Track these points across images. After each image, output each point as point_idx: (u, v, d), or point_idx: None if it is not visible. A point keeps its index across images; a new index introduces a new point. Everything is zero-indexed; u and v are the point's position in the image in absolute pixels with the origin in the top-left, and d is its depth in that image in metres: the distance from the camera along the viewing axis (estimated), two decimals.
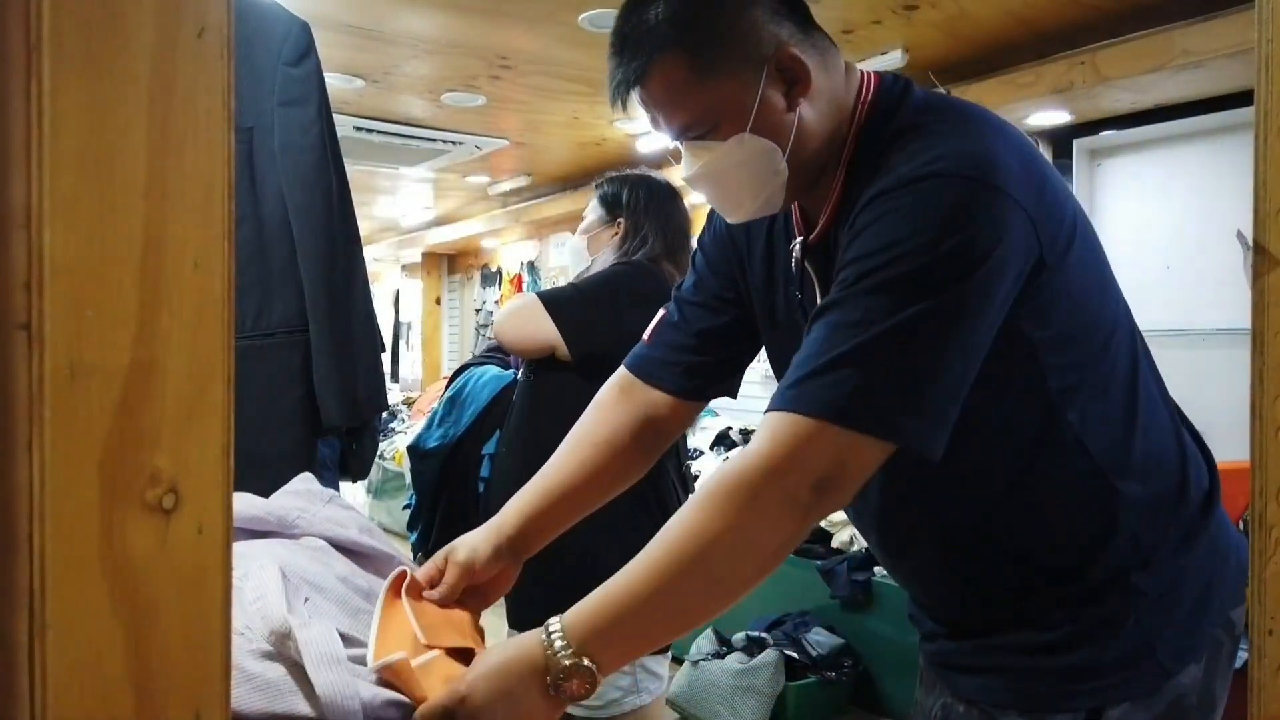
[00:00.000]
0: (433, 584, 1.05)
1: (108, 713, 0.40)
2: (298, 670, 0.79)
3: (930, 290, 0.83)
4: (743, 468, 0.85)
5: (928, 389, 0.85)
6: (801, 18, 0.98)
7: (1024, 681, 1.00)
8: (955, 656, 1.06)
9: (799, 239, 1.04)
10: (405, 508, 2.24)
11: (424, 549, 2.11)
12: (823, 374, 0.84)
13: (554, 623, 0.85)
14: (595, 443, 1.16)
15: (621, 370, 1.21)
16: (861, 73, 1.02)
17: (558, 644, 0.83)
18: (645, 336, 1.21)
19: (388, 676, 0.82)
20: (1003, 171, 0.86)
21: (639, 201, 1.96)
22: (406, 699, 0.81)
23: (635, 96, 0.97)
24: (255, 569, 0.89)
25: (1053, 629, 0.98)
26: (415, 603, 0.99)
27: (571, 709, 1.74)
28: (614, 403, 1.19)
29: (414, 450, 2.11)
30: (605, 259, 1.92)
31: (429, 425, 2.08)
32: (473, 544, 1.09)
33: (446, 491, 2.06)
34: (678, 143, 1.00)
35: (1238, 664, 2.05)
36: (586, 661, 0.82)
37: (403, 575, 1.00)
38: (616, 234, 1.94)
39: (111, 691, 0.40)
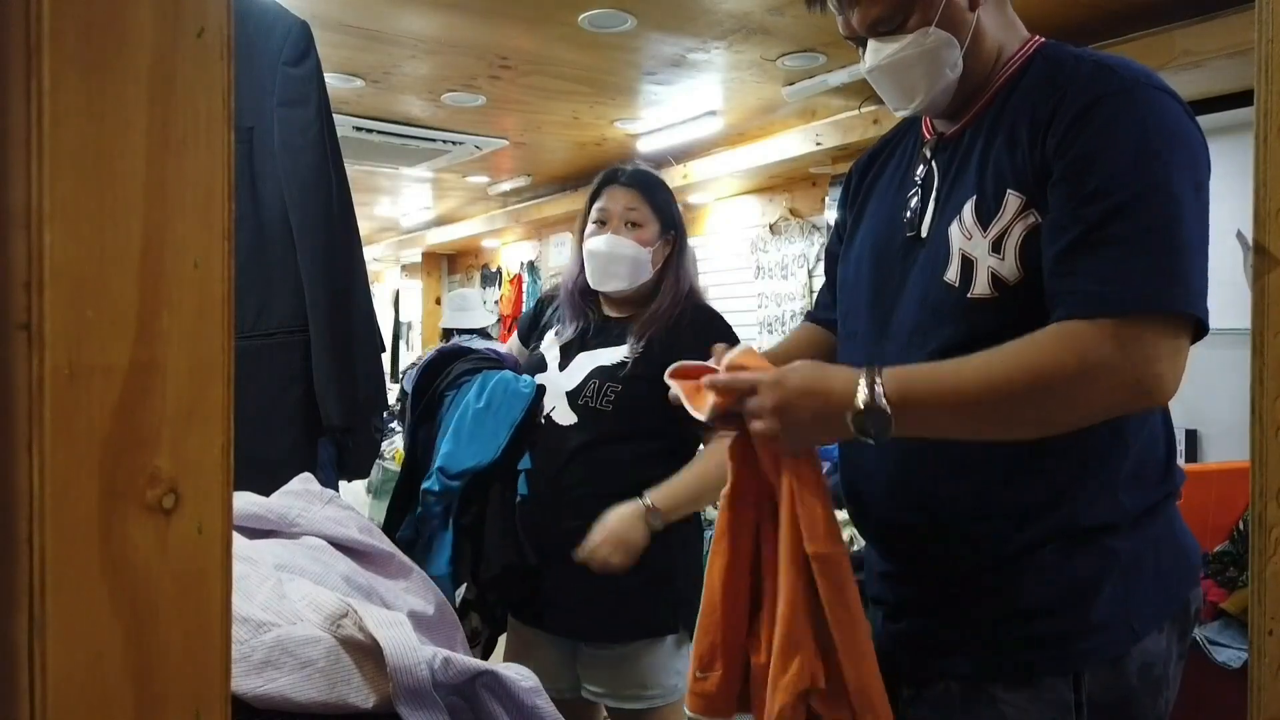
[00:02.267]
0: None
1: (108, 713, 0.40)
2: (350, 659, 0.81)
3: (1189, 184, 0.94)
4: (1097, 338, 0.91)
5: (1204, 271, 0.94)
6: None
7: (1013, 651, 1.02)
8: (934, 634, 1.08)
9: (932, 137, 1.14)
10: (406, 539, 1.90)
11: (464, 579, 1.87)
12: (1145, 268, 0.92)
13: (874, 369, 0.95)
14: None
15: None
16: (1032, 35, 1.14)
17: (876, 387, 0.93)
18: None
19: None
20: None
21: (677, 210, 1.95)
22: (462, 658, 0.84)
23: None
24: (277, 574, 0.90)
25: (1031, 592, 1.01)
26: None
27: (631, 697, 1.75)
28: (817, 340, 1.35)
29: (444, 472, 1.86)
30: (675, 278, 1.88)
31: (457, 442, 1.87)
32: None
33: (475, 513, 1.87)
34: (860, 39, 1.11)
35: (1237, 664, 2.06)
36: (888, 408, 0.93)
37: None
38: (669, 249, 1.89)
39: (111, 691, 0.40)
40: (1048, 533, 1.01)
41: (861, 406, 0.93)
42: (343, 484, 1.92)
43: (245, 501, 1.04)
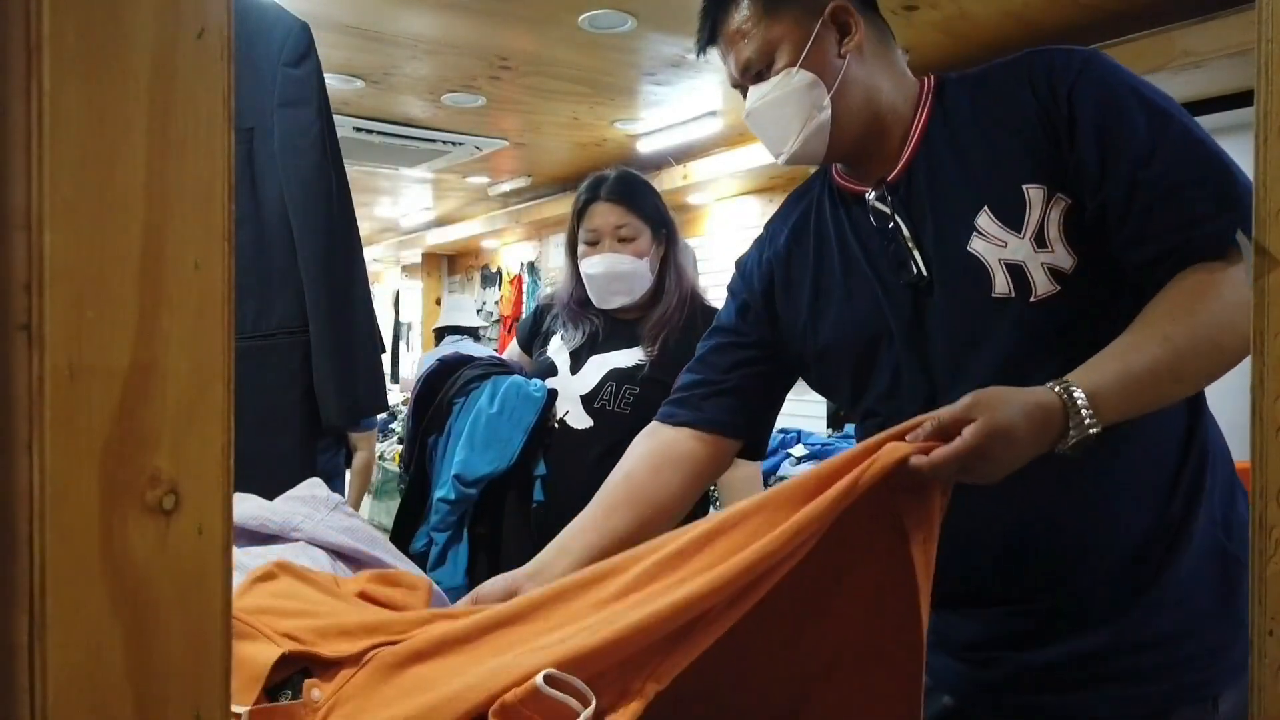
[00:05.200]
0: None
1: (108, 713, 0.40)
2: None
3: (1175, 107, 1.00)
4: (1210, 268, 0.92)
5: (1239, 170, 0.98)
6: None
7: (1153, 682, 0.98)
8: (1050, 673, 1.01)
9: (872, 190, 1.11)
10: (420, 551, 1.89)
11: (475, 585, 1.86)
12: (1235, 182, 0.94)
13: (1076, 390, 0.85)
14: (652, 503, 1.18)
15: (656, 424, 1.26)
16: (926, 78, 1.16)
17: (1086, 416, 0.84)
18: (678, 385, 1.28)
19: None
20: None
21: (664, 207, 1.93)
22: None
23: (715, 47, 1.17)
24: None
25: (1166, 612, 0.98)
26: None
27: None
28: (662, 458, 1.21)
29: (461, 480, 1.82)
30: (676, 275, 1.88)
31: (472, 448, 1.83)
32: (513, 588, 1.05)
33: (491, 521, 1.84)
34: (743, 88, 1.16)
35: None
36: (1098, 430, 0.85)
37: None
38: (663, 248, 1.88)
39: (111, 691, 0.40)
40: (1171, 545, 1.00)
41: (1078, 439, 0.85)
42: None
43: (249, 505, 1.03)
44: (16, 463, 0.38)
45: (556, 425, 1.83)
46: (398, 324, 9.05)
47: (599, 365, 1.83)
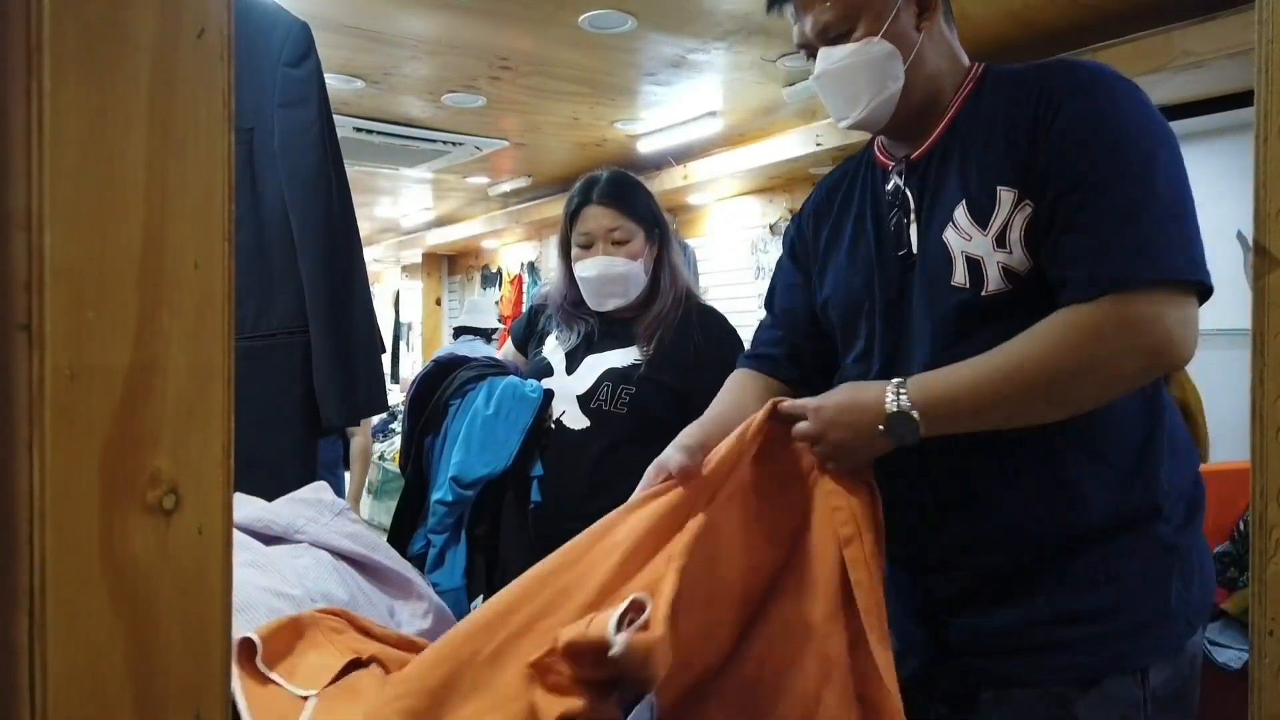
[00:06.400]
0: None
1: (108, 713, 0.40)
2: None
3: (1161, 155, 0.99)
4: (1097, 317, 0.95)
5: (1192, 233, 0.98)
6: None
7: (1085, 651, 1.03)
8: (995, 640, 1.07)
9: (897, 164, 1.16)
10: (419, 553, 1.88)
11: (480, 592, 1.82)
12: (1132, 242, 0.96)
13: (899, 380, 1.01)
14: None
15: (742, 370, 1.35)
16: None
17: (900, 396, 1.00)
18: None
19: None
20: None
21: (657, 206, 1.93)
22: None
23: (786, 4, 1.16)
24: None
25: (1098, 589, 1.02)
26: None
27: None
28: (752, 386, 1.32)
29: (458, 482, 1.81)
30: (671, 274, 1.88)
31: (469, 450, 1.82)
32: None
33: (489, 523, 1.83)
34: (811, 48, 1.16)
35: (1237, 665, 2.05)
36: (915, 414, 0.99)
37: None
38: (654, 249, 1.87)
39: (111, 691, 0.40)
40: (1107, 525, 1.04)
41: (889, 413, 0.99)
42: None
43: (254, 507, 1.04)
44: (17, 463, 0.38)
45: (553, 426, 1.83)
46: (398, 324, 9.05)
47: (595, 365, 1.83)
